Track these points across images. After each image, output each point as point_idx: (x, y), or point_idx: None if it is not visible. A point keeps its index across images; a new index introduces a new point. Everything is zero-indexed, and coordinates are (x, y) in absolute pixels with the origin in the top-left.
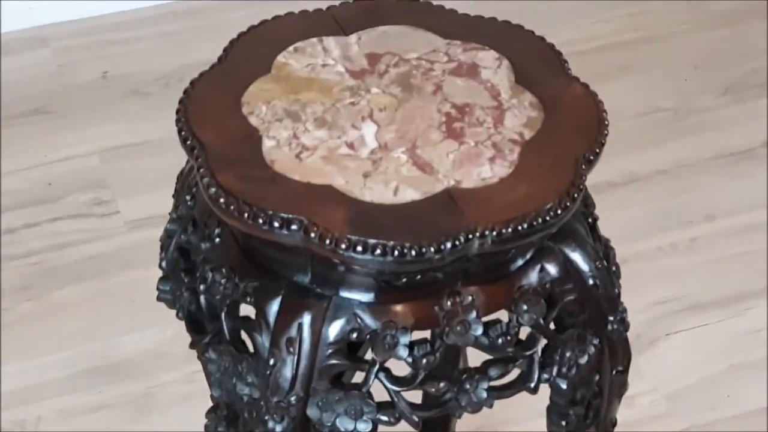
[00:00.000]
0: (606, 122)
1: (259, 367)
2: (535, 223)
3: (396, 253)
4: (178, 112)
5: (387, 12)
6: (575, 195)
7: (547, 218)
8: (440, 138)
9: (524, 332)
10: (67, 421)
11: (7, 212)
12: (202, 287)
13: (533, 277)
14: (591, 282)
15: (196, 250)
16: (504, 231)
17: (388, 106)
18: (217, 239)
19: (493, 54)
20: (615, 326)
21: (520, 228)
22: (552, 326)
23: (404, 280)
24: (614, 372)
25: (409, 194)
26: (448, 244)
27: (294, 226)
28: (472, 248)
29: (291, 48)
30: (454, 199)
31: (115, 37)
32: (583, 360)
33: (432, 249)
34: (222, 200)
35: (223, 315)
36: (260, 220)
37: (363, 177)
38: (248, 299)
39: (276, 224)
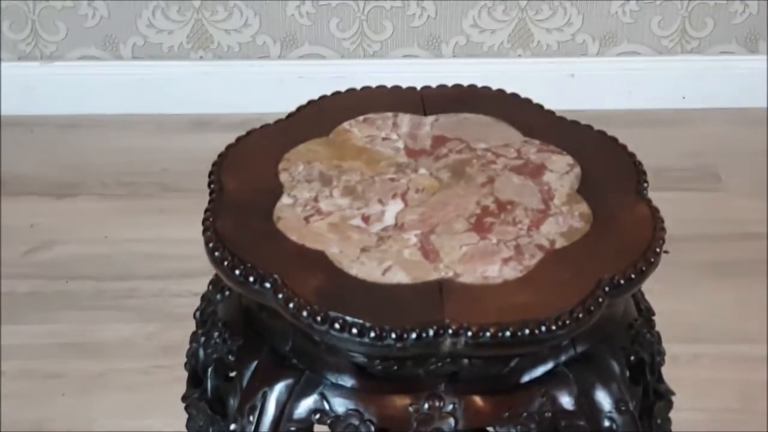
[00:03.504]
0: (657, 251)
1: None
2: (519, 334)
3: (355, 331)
4: (219, 156)
5: (480, 101)
6: (579, 315)
7: (536, 332)
8: (463, 229)
9: None
10: None
11: None
12: (202, 340)
13: (535, 401)
14: (607, 424)
15: (212, 302)
16: (481, 335)
17: (428, 188)
18: (227, 293)
19: (568, 159)
20: None
21: (500, 335)
22: None
23: (379, 367)
24: None
25: (398, 277)
26: (413, 335)
27: (266, 284)
28: (443, 346)
29: (361, 117)
30: (442, 291)
31: None
32: None
33: (393, 335)
34: (211, 244)
35: (209, 371)
36: (237, 271)
37: (360, 251)
38: (231, 358)
39: (251, 278)
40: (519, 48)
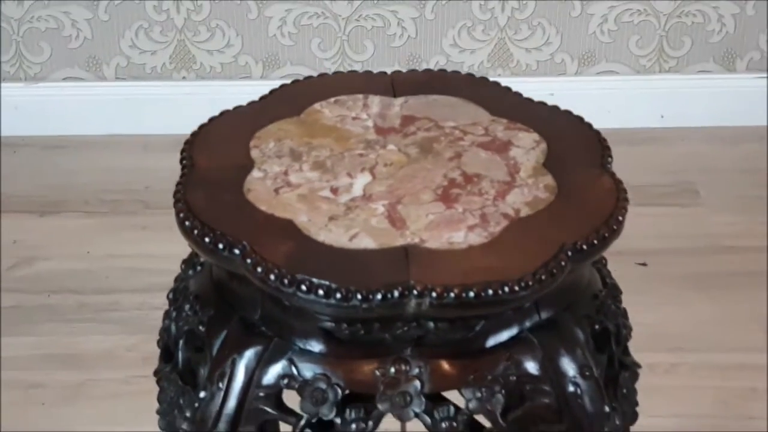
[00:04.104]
0: (620, 218)
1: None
2: (483, 295)
3: (321, 292)
4: (191, 134)
5: (449, 84)
6: (542, 277)
7: (500, 293)
8: (430, 199)
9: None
10: None
11: None
12: (174, 314)
13: (499, 365)
14: (571, 389)
15: (185, 280)
16: (445, 296)
17: (396, 163)
18: (198, 267)
19: (535, 136)
20: None
21: (464, 296)
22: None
23: (346, 332)
24: None
25: (365, 243)
26: (378, 296)
27: (235, 250)
28: (408, 307)
29: (332, 99)
30: (408, 256)
31: None
32: None
33: (359, 296)
34: (182, 214)
35: (180, 343)
36: (207, 239)
37: (328, 219)
38: (201, 329)
39: (220, 245)
40: (498, 67)
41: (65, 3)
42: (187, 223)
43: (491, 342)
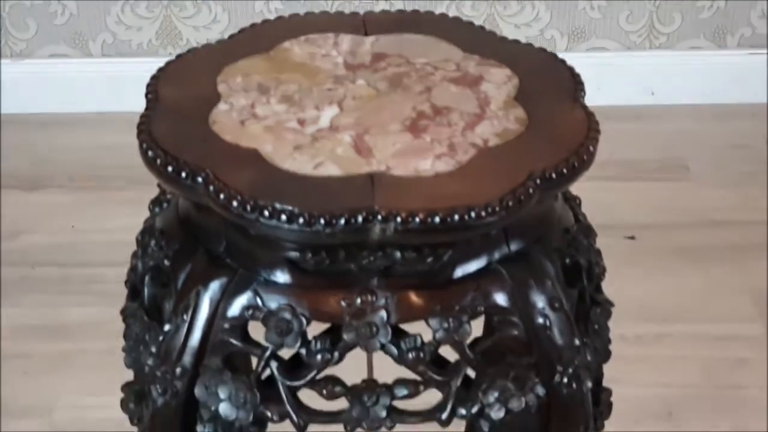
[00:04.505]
0: (590, 149)
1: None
2: (449, 220)
3: (284, 217)
4: (158, 70)
5: (422, 23)
6: (509, 203)
7: (466, 218)
8: (398, 130)
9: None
10: None
11: None
12: (140, 252)
13: (467, 295)
14: (540, 321)
15: (153, 217)
16: (410, 221)
17: (365, 96)
18: (165, 204)
19: (507, 71)
20: (565, 380)
21: (429, 221)
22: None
23: (311, 262)
24: None
25: (330, 170)
26: (342, 221)
27: (198, 178)
28: (372, 233)
29: (302, 37)
30: (374, 182)
31: None
32: (515, 405)
33: (322, 221)
34: (145, 145)
35: (146, 279)
36: (170, 168)
37: (293, 149)
38: (167, 263)
39: (183, 174)
40: None
41: None
42: (150, 152)
43: (459, 273)
